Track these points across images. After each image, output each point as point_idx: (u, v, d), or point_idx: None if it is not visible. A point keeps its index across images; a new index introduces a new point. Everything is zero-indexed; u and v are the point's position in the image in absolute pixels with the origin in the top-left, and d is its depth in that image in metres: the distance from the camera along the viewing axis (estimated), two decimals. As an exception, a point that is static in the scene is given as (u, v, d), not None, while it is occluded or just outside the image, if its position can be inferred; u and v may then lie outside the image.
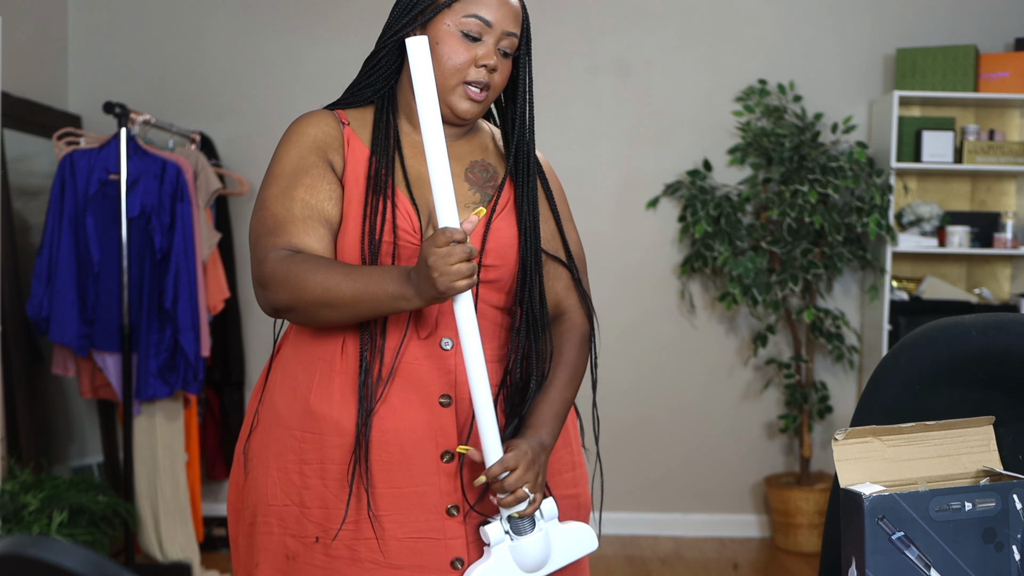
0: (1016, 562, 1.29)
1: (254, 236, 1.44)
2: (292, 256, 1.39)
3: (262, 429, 1.51)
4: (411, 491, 1.43)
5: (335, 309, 1.37)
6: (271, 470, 1.48)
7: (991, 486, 1.30)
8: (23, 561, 0.67)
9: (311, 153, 1.46)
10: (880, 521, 1.26)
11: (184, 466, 3.57)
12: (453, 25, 1.44)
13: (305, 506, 1.45)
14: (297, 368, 1.49)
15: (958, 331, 1.43)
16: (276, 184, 1.46)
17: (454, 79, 1.45)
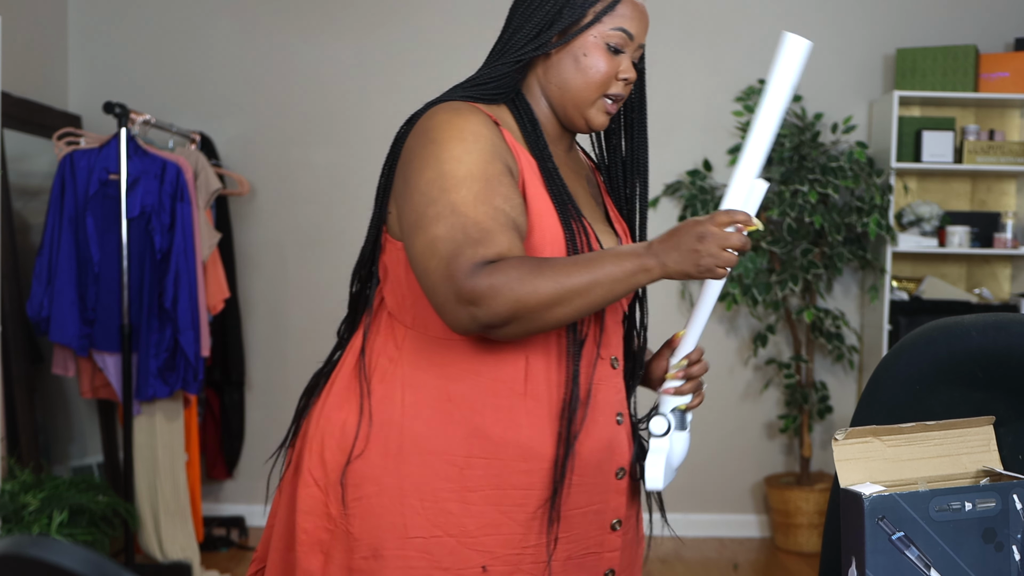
0: (1016, 562, 1.29)
1: (449, 245, 1.26)
2: (504, 264, 1.26)
3: (384, 455, 1.37)
4: (588, 510, 1.42)
5: (566, 305, 1.26)
6: (409, 499, 1.35)
7: (991, 486, 1.30)
8: (23, 561, 0.67)
9: (495, 158, 1.33)
10: (880, 521, 1.26)
11: (184, 466, 3.57)
12: (599, 37, 1.41)
13: (468, 535, 1.34)
14: (453, 390, 1.36)
15: (958, 331, 1.43)
16: (467, 188, 1.29)
17: (596, 92, 1.42)
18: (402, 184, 1.36)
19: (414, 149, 1.36)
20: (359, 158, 4.20)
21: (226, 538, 3.95)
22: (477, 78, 1.48)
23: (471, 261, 1.25)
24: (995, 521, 1.28)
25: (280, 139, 4.19)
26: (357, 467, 1.37)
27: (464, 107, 1.38)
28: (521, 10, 1.44)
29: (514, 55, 1.43)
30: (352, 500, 1.37)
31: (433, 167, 1.31)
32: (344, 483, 1.38)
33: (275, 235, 4.20)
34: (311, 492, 1.42)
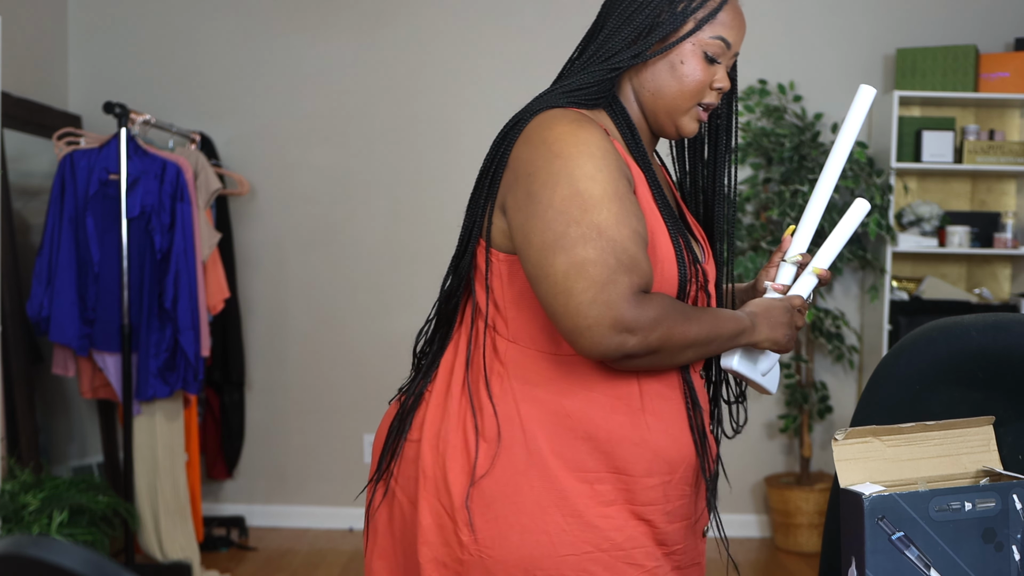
0: (1016, 562, 1.29)
1: (602, 270, 1.25)
2: (662, 299, 1.29)
3: (513, 473, 1.32)
4: (693, 519, 1.47)
5: (696, 349, 1.33)
6: (551, 516, 1.32)
7: (991, 486, 1.30)
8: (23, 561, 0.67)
9: (621, 175, 1.31)
10: (880, 521, 1.26)
11: (184, 466, 3.58)
12: (698, 44, 1.38)
13: (619, 548, 1.33)
14: (568, 405, 1.34)
15: (958, 331, 1.43)
16: (607, 209, 1.27)
17: (691, 100, 1.41)
18: (524, 198, 1.31)
19: (535, 162, 1.31)
20: (359, 158, 4.20)
21: (226, 538, 3.95)
22: (574, 83, 1.41)
23: (629, 289, 1.25)
24: (995, 521, 1.28)
25: (280, 139, 4.19)
26: (485, 487, 1.32)
27: (581, 118, 1.34)
28: (617, 12, 1.40)
29: (612, 61, 1.39)
30: (485, 522, 1.32)
31: (566, 184, 1.27)
32: (470, 506, 1.32)
33: (275, 235, 4.20)
34: (438, 521, 1.35)
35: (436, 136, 4.19)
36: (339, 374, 4.22)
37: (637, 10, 1.38)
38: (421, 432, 1.40)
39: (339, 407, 4.22)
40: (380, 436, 1.49)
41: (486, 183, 1.40)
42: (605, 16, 1.43)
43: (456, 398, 1.38)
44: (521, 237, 1.31)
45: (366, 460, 4.22)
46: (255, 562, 3.80)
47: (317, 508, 4.23)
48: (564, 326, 1.27)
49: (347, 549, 3.95)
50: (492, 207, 1.38)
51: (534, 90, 1.56)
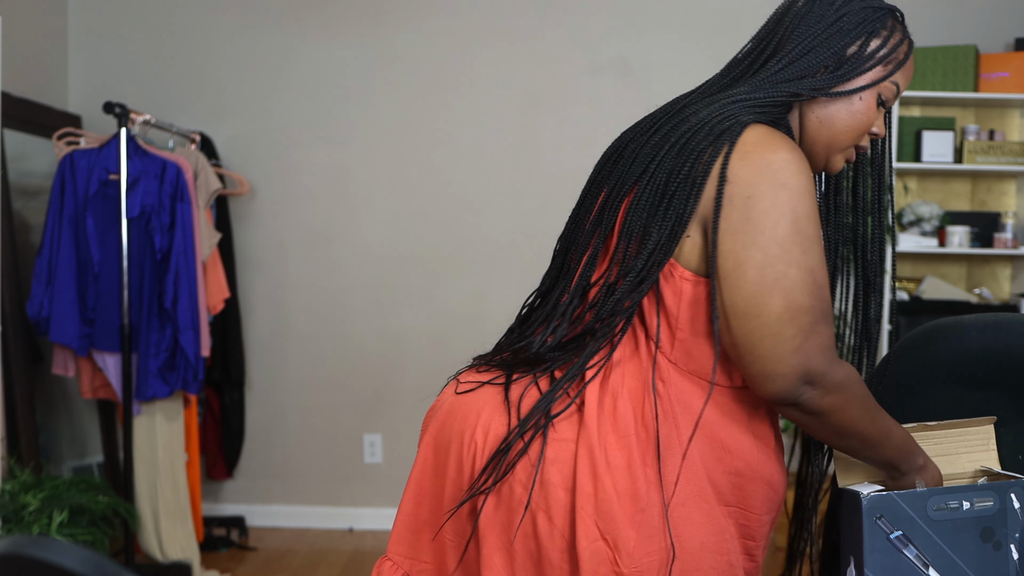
0: (1014, 561, 1.29)
1: (810, 319, 1.21)
2: (854, 373, 1.27)
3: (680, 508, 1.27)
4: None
5: (854, 438, 1.30)
6: (729, 544, 1.31)
7: (989, 485, 1.30)
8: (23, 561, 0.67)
9: (819, 217, 1.28)
10: (878, 520, 1.26)
11: (184, 466, 3.58)
12: (876, 88, 1.36)
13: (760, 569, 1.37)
14: (723, 437, 1.30)
15: (958, 331, 1.43)
16: (818, 253, 1.23)
17: (854, 139, 1.38)
18: (741, 222, 1.22)
19: (758, 185, 1.23)
20: (359, 158, 4.20)
21: (226, 538, 3.95)
22: (757, 98, 1.33)
23: (828, 341, 1.23)
24: (993, 520, 1.28)
25: (280, 139, 4.19)
26: (649, 516, 1.24)
27: (795, 145, 1.28)
28: (803, 34, 1.36)
29: (793, 86, 1.34)
30: (647, 554, 1.23)
31: (790, 220, 1.22)
32: (634, 535, 1.23)
33: (275, 235, 4.20)
34: (596, 548, 1.23)
35: (436, 136, 4.18)
36: (339, 374, 4.22)
37: (826, 40, 1.34)
38: (575, 438, 1.27)
39: (339, 407, 4.22)
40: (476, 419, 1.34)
41: (678, 190, 1.27)
42: (787, 31, 1.39)
43: (616, 414, 1.27)
44: (733, 265, 1.22)
45: (366, 460, 4.22)
46: (255, 562, 3.80)
47: (317, 508, 4.23)
48: (758, 367, 1.22)
49: (347, 549, 3.95)
50: (685, 220, 1.26)
51: (534, 89, 1.55)
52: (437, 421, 1.43)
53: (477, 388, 1.38)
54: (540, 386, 1.32)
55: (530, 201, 4.15)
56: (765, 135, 1.27)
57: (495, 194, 4.17)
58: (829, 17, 1.35)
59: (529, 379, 1.33)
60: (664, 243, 1.27)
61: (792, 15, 1.40)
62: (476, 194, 4.16)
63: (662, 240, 1.27)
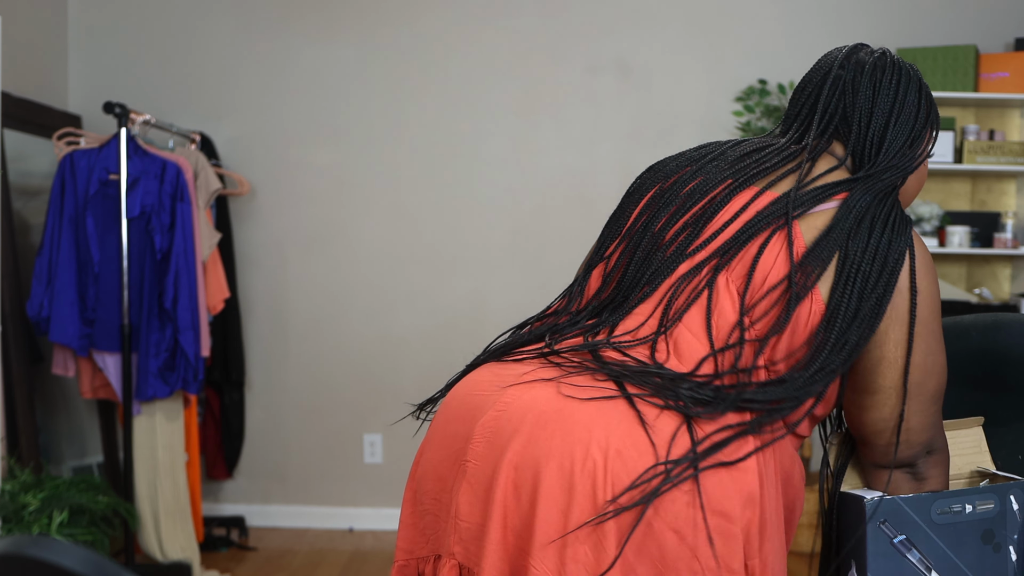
0: (1013, 562, 1.29)
1: (943, 395, 1.37)
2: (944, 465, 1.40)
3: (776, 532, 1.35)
4: None
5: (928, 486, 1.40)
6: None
7: (991, 488, 1.30)
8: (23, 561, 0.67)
9: None
10: (882, 525, 1.25)
11: (184, 466, 3.57)
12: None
13: None
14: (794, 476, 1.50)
15: (958, 331, 1.43)
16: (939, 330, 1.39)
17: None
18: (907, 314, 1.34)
19: (920, 271, 1.35)
20: (359, 158, 4.20)
21: (226, 538, 3.95)
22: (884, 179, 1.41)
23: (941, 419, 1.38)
24: (993, 522, 1.28)
25: (280, 139, 4.19)
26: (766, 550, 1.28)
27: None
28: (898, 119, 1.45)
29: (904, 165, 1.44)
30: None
31: (936, 315, 1.36)
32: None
33: (275, 235, 4.20)
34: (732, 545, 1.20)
35: (436, 136, 4.18)
36: (339, 374, 4.22)
37: (911, 117, 1.45)
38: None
39: (339, 407, 4.22)
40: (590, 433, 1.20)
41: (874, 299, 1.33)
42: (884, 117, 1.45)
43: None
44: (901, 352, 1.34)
45: (366, 460, 4.22)
46: (255, 562, 3.80)
47: (317, 508, 4.23)
48: (883, 439, 1.35)
49: (347, 549, 3.95)
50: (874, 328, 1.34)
51: (534, 89, 1.54)
52: (492, 420, 1.28)
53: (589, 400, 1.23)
54: (694, 430, 1.21)
55: (529, 201, 4.15)
56: (918, 234, 1.40)
57: (494, 194, 4.17)
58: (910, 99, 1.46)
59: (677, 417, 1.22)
60: (861, 344, 1.31)
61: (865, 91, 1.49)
62: (475, 194, 4.16)
63: (860, 342, 1.31)
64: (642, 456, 1.17)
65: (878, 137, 1.44)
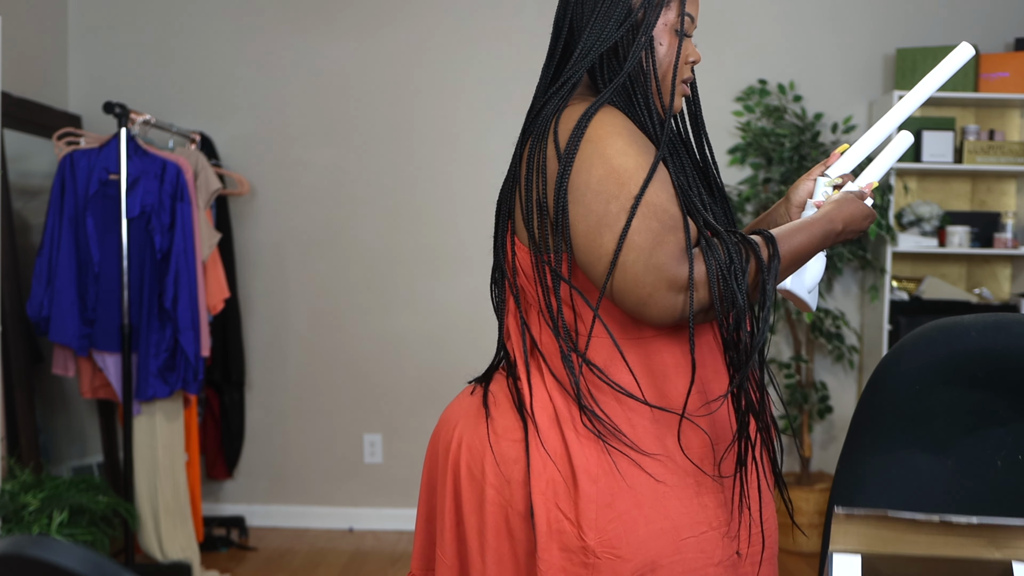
0: None
1: (648, 235, 1.26)
2: (712, 250, 1.28)
3: (629, 465, 1.33)
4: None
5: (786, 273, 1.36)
6: (671, 502, 1.33)
7: None
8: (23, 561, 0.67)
9: (649, 148, 1.34)
10: None
11: (184, 466, 3.58)
12: (669, 24, 1.42)
13: (725, 524, 1.35)
14: (664, 388, 1.36)
15: (958, 331, 1.43)
16: (641, 179, 1.29)
17: (675, 77, 1.43)
18: (568, 191, 1.31)
19: (570, 153, 1.32)
20: (359, 158, 4.20)
21: (226, 538, 3.95)
22: (569, 80, 1.40)
23: (677, 247, 1.26)
24: None
25: (280, 139, 4.19)
26: (605, 485, 1.32)
27: (613, 110, 1.36)
28: (597, 12, 1.42)
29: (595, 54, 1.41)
30: (609, 521, 1.31)
31: (600, 164, 1.30)
32: (594, 507, 1.31)
33: (275, 235, 4.20)
34: (557, 526, 1.32)
35: (436, 136, 4.18)
36: (339, 374, 4.22)
37: (613, 4, 1.41)
38: (522, 433, 1.37)
39: (339, 407, 4.22)
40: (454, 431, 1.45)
41: (516, 190, 1.40)
42: (582, 15, 1.43)
43: (555, 396, 1.36)
44: (574, 230, 1.31)
45: (366, 460, 4.22)
46: (255, 562, 3.80)
47: (317, 508, 4.23)
48: (629, 302, 1.28)
49: (347, 549, 3.95)
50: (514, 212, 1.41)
51: (534, 89, 1.55)
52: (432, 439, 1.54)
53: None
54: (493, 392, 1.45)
55: (530, 201, 4.15)
56: (570, 111, 1.36)
57: (495, 194, 4.15)
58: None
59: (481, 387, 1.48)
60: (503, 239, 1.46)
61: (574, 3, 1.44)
62: (475, 194, 4.16)
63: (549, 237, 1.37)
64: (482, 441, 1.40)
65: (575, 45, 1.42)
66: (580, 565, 1.31)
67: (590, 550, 1.30)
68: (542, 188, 1.34)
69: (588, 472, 1.31)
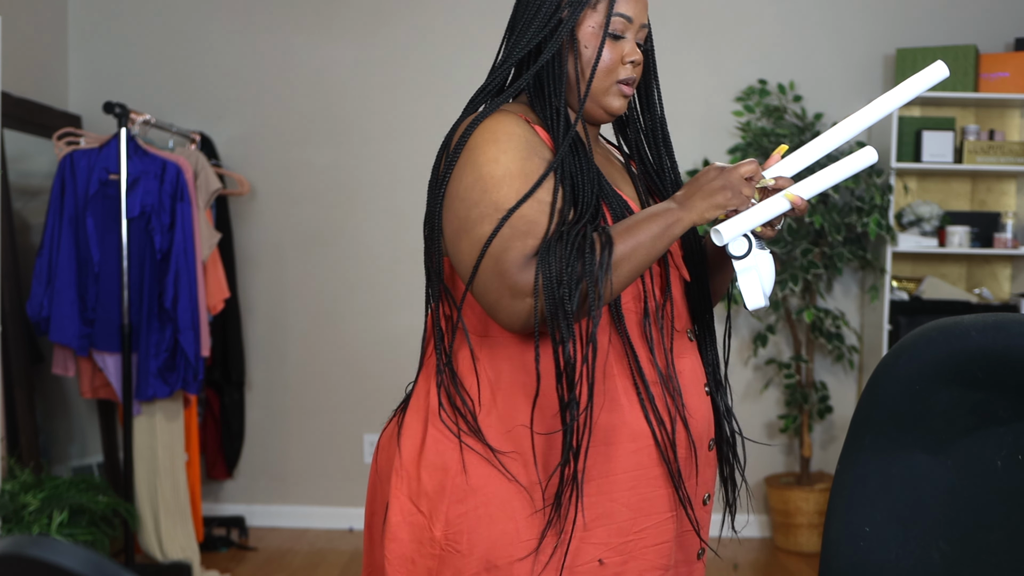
0: None
1: (498, 241, 1.26)
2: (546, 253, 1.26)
3: (485, 463, 1.35)
4: (689, 484, 1.43)
5: (622, 269, 1.26)
6: (516, 503, 1.33)
7: None
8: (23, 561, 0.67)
9: (532, 154, 1.34)
10: None
11: (184, 466, 3.58)
12: (597, 26, 1.41)
13: (580, 529, 1.32)
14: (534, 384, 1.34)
15: (958, 331, 1.43)
16: (508, 185, 1.29)
17: (608, 80, 1.43)
18: (444, 197, 1.35)
19: (451, 161, 1.35)
20: (359, 158, 4.20)
21: (226, 538, 3.95)
22: (494, 85, 1.45)
23: (521, 254, 1.25)
24: None
25: (280, 139, 4.19)
26: (458, 482, 1.34)
27: (503, 114, 1.37)
28: (522, 13, 1.44)
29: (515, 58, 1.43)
30: (458, 516, 1.34)
31: (470, 171, 1.32)
32: (446, 502, 1.35)
33: (275, 235, 4.20)
34: (409, 518, 1.37)
35: (435, 136, 4.17)
36: (339, 374, 4.22)
37: (530, 6, 1.42)
38: (401, 428, 1.44)
39: (339, 407, 4.22)
40: None
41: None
42: (512, 22, 1.46)
43: (433, 393, 1.42)
44: (445, 235, 1.36)
45: (366, 460, 4.22)
46: (255, 562, 3.80)
47: (317, 508, 4.23)
48: (484, 307, 1.29)
49: (347, 549, 3.95)
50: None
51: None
52: None
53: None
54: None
55: (530, 201, 4.15)
56: (465, 120, 1.38)
57: (495, 194, 4.17)
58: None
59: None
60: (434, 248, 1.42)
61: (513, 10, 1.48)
62: (476, 194, 4.16)
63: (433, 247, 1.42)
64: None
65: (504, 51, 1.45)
66: (429, 556, 1.35)
67: (437, 542, 1.34)
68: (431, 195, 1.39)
69: (443, 467, 1.35)
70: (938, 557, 1.40)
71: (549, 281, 1.23)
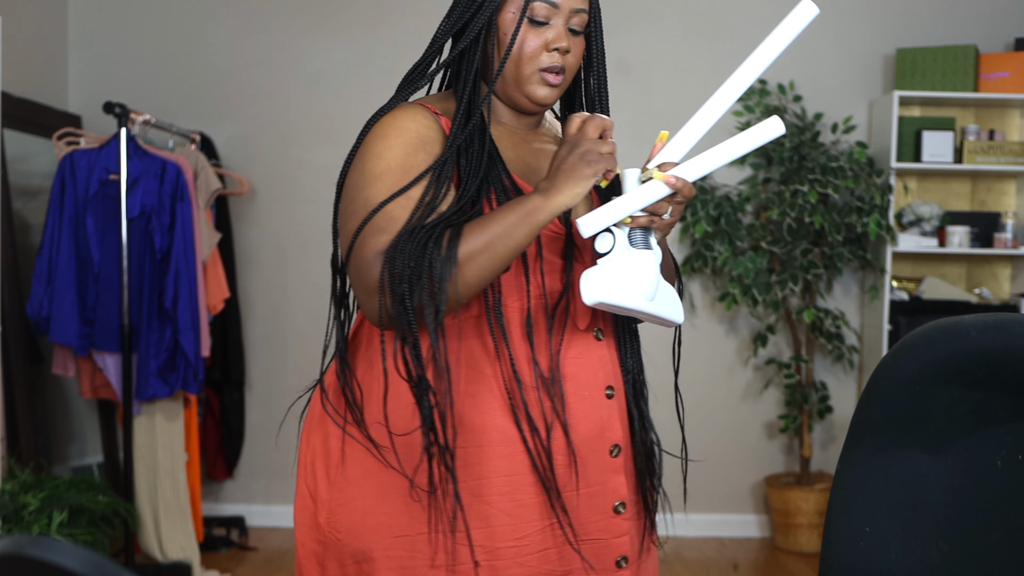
0: None
1: (359, 239, 1.24)
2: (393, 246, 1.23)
3: (365, 456, 1.35)
4: (584, 492, 1.37)
5: (473, 265, 1.20)
6: (391, 498, 1.33)
7: None
8: (23, 561, 0.67)
9: (418, 149, 1.32)
10: None
11: (184, 466, 3.58)
12: (517, 11, 1.36)
13: (458, 530, 1.31)
14: None
15: (958, 331, 1.43)
16: (382, 182, 1.28)
17: (529, 67, 1.38)
18: (337, 192, 1.40)
19: (348, 156, 1.41)
20: (359, 158, 4.20)
21: (226, 538, 3.95)
22: (414, 76, 1.47)
23: (373, 250, 1.23)
24: None
25: (280, 139, 4.19)
26: (342, 470, 1.38)
27: (405, 108, 1.38)
28: (449, 10, 1.43)
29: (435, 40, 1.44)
30: (339, 505, 1.37)
31: (356, 167, 1.34)
32: (330, 491, 1.38)
33: (275, 235, 4.20)
34: (304, 504, 1.43)
35: (436, 136, 4.18)
36: (339, 374, 4.21)
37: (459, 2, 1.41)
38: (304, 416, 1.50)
39: (339, 407, 4.22)
40: None
41: None
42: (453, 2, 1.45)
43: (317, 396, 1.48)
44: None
45: (366, 460, 4.22)
46: (255, 562, 3.80)
47: (317, 508, 4.23)
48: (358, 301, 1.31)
49: (347, 549, 3.95)
50: None
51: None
52: None
53: None
54: None
55: (530, 201, 4.15)
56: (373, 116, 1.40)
57: (495, 194, 4.17)
58: None
59: None
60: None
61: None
62: (476, 194, 4.16)
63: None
64: None
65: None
66: (316, 542, 1.39)
67: (322, 528, 1.38)
68: None
69: (327, 456, 1.39)
70: (938, 557, 1.40)
71: (393, 278, 1.20)
